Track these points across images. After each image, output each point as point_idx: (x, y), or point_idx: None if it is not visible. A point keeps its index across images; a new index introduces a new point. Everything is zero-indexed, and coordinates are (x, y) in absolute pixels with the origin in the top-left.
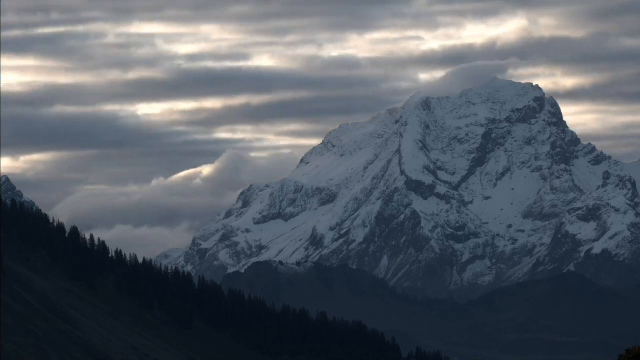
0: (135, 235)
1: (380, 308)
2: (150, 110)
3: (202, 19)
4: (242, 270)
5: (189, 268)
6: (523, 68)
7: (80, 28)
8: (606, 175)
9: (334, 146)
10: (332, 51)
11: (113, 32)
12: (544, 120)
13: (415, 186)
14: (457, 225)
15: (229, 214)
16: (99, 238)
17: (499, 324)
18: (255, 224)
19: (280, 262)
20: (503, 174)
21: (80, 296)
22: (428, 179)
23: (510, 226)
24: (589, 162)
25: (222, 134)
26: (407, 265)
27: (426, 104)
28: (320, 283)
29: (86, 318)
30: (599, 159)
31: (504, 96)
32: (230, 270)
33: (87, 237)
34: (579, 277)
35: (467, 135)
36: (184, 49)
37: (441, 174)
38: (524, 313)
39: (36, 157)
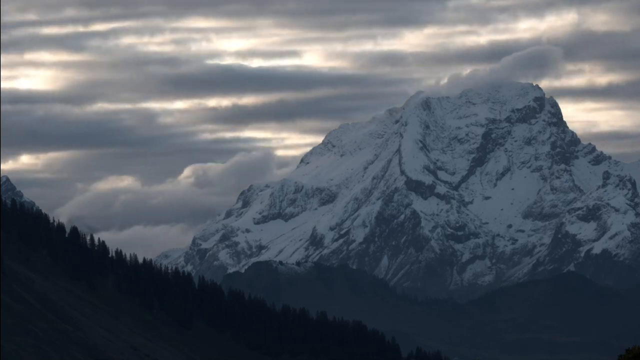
0: (154, 233)
1: (380, 308)
2: (184, 106)
3: (258, 14)
4: (242, 270)
5: (189, 268)
6: (568, 64)
7: (136, 23)
8: (606, 175)
9: (334, 146)
10: (384, 47)
11: (169, 27)
12: (544, 120)
13: (415, 186)
14: (457, 225)
15: (229, 214)
16: (99, 238)
17: (499, 324)
18: (255, 224)
19: (280, 262)
20: (503, 174)
21: (80, 296)
22: (428, 179)
23: (510, 226)
24: (589, 162)
25: (251, 132)
26: (407, 265)
27: (426, 104)
28: (320, 283)
29: (86, 318)
30: (598, 159)
31: (504, 96)
32: (230, 270)
33: (87, 237)
34: (578, 277)
35: (467, 135)
36: (235, 45)
37: (441, 174)
38: (524, 313)
39: (55, 155)
